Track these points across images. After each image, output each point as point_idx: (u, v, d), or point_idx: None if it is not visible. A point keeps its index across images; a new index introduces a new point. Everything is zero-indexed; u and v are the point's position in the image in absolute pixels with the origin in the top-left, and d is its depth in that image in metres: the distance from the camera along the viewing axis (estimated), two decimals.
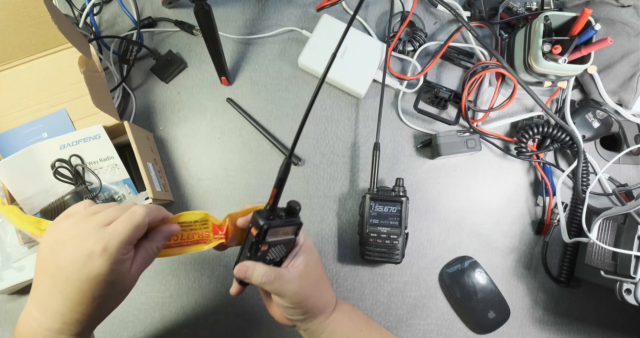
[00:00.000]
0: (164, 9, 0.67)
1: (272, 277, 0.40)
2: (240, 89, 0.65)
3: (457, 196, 0.62)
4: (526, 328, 0.60)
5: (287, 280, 0.41)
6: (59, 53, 0.59)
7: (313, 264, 0.44)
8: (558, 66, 0.54)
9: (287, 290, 0.41)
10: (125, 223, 0.35)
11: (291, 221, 0.41)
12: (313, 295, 0.44)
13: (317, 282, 0.44)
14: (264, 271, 0.40)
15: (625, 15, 0.58)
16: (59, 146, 0.53)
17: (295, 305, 0.42)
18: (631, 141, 0.63)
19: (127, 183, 0.55)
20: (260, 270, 0.40)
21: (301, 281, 0.42)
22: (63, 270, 0.35)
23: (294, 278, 0.42)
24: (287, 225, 0.40)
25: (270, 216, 0.39)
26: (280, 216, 0.40)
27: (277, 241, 0.41)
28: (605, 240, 0.52)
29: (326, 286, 0.47)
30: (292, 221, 0.41)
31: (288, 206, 0.41)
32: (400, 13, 0.64)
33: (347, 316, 0.47)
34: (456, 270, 0.60)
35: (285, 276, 0.41)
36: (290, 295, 0.41)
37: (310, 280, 0.43)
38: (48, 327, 0.36)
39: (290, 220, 0.40)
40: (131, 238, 0.36)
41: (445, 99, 0.62)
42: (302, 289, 0.42)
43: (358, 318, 0.49)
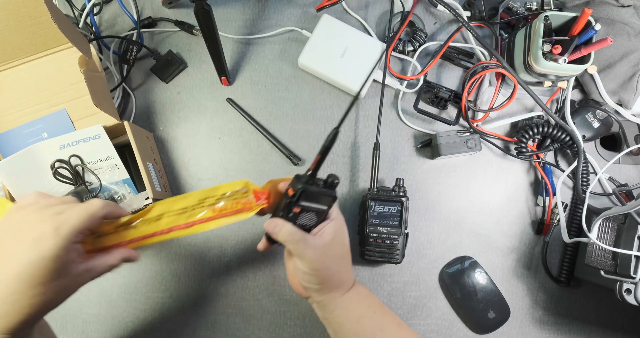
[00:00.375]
0: (164, 9, 0.67)
1: (297, 238, 0.42)
2: (240, 89, 0.65)
3: (457, 196, 0.62)
4: (526, 328, 0.60)
5: (310, 245, 0.43)
6: (59, 53, 0.59)
7: (339, 240, 0.46)
8: (558, 66, 0.54)
9: (308, 254, 0.43)
10: (80, 211, 0.36)
11: (327, 192, 0.43)
12: (332, 268, 0.45)
13: (339, 257, 0.46)
14: (291, 230, 0.42)
15: (625, 15, 0.58)
16: (59, 146, 0.53)
17: (313, 272, 0.43)
18: (631, 141, 0.63)
19: (127, 183, 0.55)
20: (288, 229, 0.43)
21: (324, 251, 0.44)
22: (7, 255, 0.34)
23: (317, 245, 0.43)
24: (322, 194, 0.43)
25: (309, 181, 0.42)
26: (318, 184, 0.42)
27: (310, 207, 0.43)
28: (605, 240, 0.52)
29: (347, 266, 0.48)
30: (328, 192, 0.43)
31: (327, 178, 0.43)
32: (400, 13, 0.64)
33: (362, 297, 0.48)
34: (456, 270, 0.60)
35: (310, 241, 0.43)
36: (310, 260, 0.43)
37: (332, 253, 0.45)
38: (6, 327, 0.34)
39: (326, 191, 0.43)
40: (84, 226, 0.36)
41: (445, 99, 0.62)
42: (323, 258, 0.43)
43: (373, 301, 0.49)
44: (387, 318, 0.48)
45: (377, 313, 0.47)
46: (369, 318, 0.46)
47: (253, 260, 0.61)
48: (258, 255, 0.61)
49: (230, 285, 0.60)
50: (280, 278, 0.60)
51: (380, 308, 0.48)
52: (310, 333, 0.59)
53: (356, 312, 0.47)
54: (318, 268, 0.44)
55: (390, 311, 0.49)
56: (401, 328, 0.48)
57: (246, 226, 0.61)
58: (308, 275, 0.44)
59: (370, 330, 0.46)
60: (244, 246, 0.61)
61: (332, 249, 0.45)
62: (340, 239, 0.46)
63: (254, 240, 0.61)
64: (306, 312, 0.60)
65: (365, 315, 0.47)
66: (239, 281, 0.60)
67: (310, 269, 0.43)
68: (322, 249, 0.44)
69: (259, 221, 0.61)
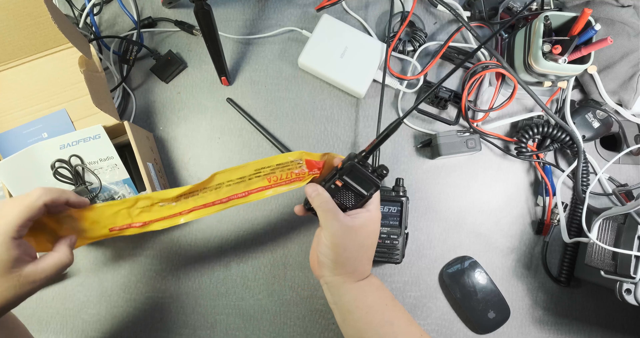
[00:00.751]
0: (164, 9, 0.67)
1: (329, 207, 0.44)
2: (240, 89, 0.65)
3: (457, 196, 0.62)
4: (526, 328, 0.60)
5: (338, 219, 0.44)
6: (59, 53, 0.59)
7: (368, 230, 0.46)
8: (558, 66, 0.54)
9: (333, 227, 0.44)
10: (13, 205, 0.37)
11: (371, 177, 0.45)
12: (350, 250, 0.45)
13: (360, 245, 0.46)
14: (327, 198, 0.45)
15: (625, 15, 0.58)
16: (59, 146, 0.53)
17: (331, 247, 0.44)
18: (631, 141, 0.63)
19: (127, 183, 0.55)
20: (324, 196, 0.45)
21: (348, 231, 0.45)
22: None
23: (344, 222, 0.44)
24: (367, 178, 0.45)
25: (360, 161, 0.45)
26: (367, 167, 0.45)
27: (351, 185, 0.45)
28: (605, 240, 0.52)
29: (365, 257, 0.47)
30: (372, 178, 0.45)
31: (378, 167, 0.45)
32: (400, 13, 0.64)
33: (374, 288, 0.47)
34: (456, 270, 0.60)
35: (339, 216, 0.44)
36: (331, 233, 0.44)
37: (356, 238, 0.45)
38: None
39: (370, 176, 0.45)
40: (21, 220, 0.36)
41: (445, 99, 0.62)
42: (344, 237, 0.44)
43: (385, 293, 0.48)
44: (398, 313, 0.47)
45: (388, 306, 0.47)
46: (379, 310, 0.46)
47: (253, 260, 0.61)
48: (258, 255, 0.61)
49: (230, 285, 0.60)
50: (281, 278, 0.60)
51: (392, 302, 0.48)
52: (310, 333, 0.59)
53: (366, 301, 0.46)
54: (337, 244, 0.44)
55: (401, 307, 0.49)
56: (411, 324, 0.47)
57: (245, 226, 0.61)
58: (326, 248, 0.45)
59: (379, 322, 0.46)
60: (243, 246, 0.61)
61: (357, 234, 0.45)
62: (369, 230, 0.47)
63: (254, 239, 0.61)
64: (306, 312, 0.60)
65: (375, 307, 0.46)
66: (239, 281, 0.60)
67: (330, 242, 0.44)
68: (347, 228, 0.45)
69: (258, 221, 0.61)
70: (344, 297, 0.46)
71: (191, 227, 0.61)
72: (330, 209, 0.44)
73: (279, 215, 0.61)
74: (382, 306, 0.46)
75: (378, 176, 0.45)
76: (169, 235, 0.61)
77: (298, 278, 0.60)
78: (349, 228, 0.45)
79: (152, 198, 0.46)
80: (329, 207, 0.45)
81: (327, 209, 0.44)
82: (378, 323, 0.45)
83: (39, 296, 0.60)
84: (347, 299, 0.46)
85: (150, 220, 0.47)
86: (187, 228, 0.61)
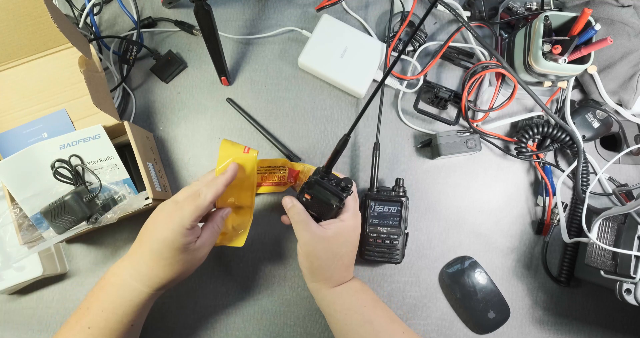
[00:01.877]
0: (164, 9, 0.67)
1: (301, 218, 0.48)
2: (240, 89, 0.65)
3: (457, 196, 0.62)
4: (526, 328, 0.60)
5: (309, 229, 0.47)
6: (59, 53, 0.59)
7: (341, 240, 0.49)
8: (558, 66, 0.54)
9: (304, 237, 0.48)
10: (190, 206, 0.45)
11: (334, 191, 0.48)
12: (323, 259, 0.48)
13: (334, 254, 0.49)
14: (299, 210, 0.48)
15: (625, 15, 0.58)
16: (59, 146, 0.53)
17: (305, 256, 0.48)
18: (631, 141, 0.63)
19: (127, 183, 0.55)
20: (297, 208, 0.48)
21: (319, 241, 0.48)
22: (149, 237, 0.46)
23: (315, 233, 0.48)
24: (331, 192, 0.48)
25: (323, 176, 0.48)
26: (330, 180, 0.48)
27: (318, 197, 0.48)
28: (605, 240, 0.52)
29: (342, 265, 0.50)
30: (335, 191, 0.48)
31: (342, 180, 0.49)
32: (400, 13, 0.64)
33: (352, 291, 0.50)
34: (456, 270, 0.60)
35: (311, 226, 0.48)
36: (303, 243, 0.48)
37: (329, 247, 0.48)
38: (139, 280, 0.46)
39: (334, 189, 0.48)
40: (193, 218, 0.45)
41: (445, 99, 0.62)
42: (316, 246, 0.48)
43: (365, 295, 0.51)
44: (378, 312, 0.50)
45: (367, 307, 0.50)
46: (358, 311, 0.49)
47: (253, 260, 0.61)
48: (258, 255, 0.61)
49: (231, 285, 0.60)
50: (280, 278, 0.60)
51: (372, 303, 0.51)
52: (310, 333, 0.59)
53: (344, 305, 0.49)
54: (309, 253, 0.48)
55: (384, 306, 0.51)
56: (392, 322, 0.50)
57: None
58: (300, 257, 0.49)
59: (358, 322, 0.49)
60: (243, 246, 0.61)
61: (329, 243, 0.48)
62: (343, 239, 0.49)
63: (253, 239, 0.61)
64: (306, 312, 0.60)
65: (354, 308, 0.49)
66: (239, 281, 0.60)
67: (303, 251, 0.48)
68: (318, 238, 0.48)
69: (258, 222, 0.61)
70: (322, 302, 0.51)
71: None
72: (302, 220, 0.48)
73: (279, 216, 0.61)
74: (360, 307, 0.49)
75: (342, 188, 0.48)
76: None
77: (298, 278, 0.60)
78: (320, 238, 0.48)
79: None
80: (300, 218, 0.48)
81: (299, 220, 0.48)
82: (357, 323, 0.49)
83: (39, 296, 0.60)
84: (325, 303, 0.50)
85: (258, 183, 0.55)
86: None
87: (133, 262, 0.47)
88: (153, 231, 0.46)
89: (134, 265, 0.47)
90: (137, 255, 0.47)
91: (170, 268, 0.46)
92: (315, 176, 0.48)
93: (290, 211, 0.49)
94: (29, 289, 0.60)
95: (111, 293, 0.47)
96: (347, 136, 0.47)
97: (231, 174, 0.48)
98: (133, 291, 0.46)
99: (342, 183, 0.49)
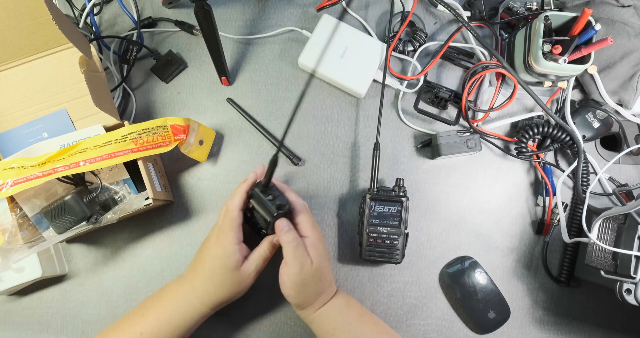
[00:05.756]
0: (164, 9, 0.67)
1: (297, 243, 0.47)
2: (240, 89, 0.65)
3: (457, 196, 0.62)
4: (526, 328, 0.60)
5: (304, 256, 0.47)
6: (59, 53, 0.59)
7: (324, 264, 0.50)
8: (558, 66, 0.54)
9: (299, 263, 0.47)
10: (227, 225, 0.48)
11: (268, 206, 0.48)
12: (311, 286, 0.49)
13: (305, 286, 0.48)
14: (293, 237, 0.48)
15: (625, 15, 0.58)
16: (59, 146, 0.53)
17: (294, 285, 0.48)
18: (631, 141, 0.63)
19: (127, 183, 0.55)
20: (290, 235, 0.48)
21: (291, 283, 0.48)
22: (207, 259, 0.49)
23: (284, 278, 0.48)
24: (263, 206, 0.48)
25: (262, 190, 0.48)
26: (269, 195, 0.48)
27: (258, 210, 0.49)
28: (606, 240, 0.52)
29: (326, 284, 0.50)
30: (269, 207, 0.48)
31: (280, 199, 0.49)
32: (400, 13, 0.64)
33: (336, 310, 0.50)
34: (456, 270, 0.60)
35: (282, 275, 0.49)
36: (296, 272, 0.47)
37: (316, 275, 0.48)
38: (196, 296, 0.49)
39: (267, 205, 0.48)
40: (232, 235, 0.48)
41: (445, 99, 0.62)
42: (307, 275, 0.48)
43: (351, 312, 0.51)
44: (365, 328, 0.50)
45: (353, 324, 0.50)
46: (344, 329, 0.49)
47: None
48: None
49: None
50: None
51: (358, 318, 0.51)
52: (310, 333, 0.59)
53: (330, 325, 0.50)
54: (300, 283, 0.48)
55: (370, 319, 0.51)
56: (381, 335, 0.50)
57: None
58: (287, 288, 0.48)
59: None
60: None
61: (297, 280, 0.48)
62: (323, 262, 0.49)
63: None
64: None
65: (340, 327, 0.49)
66: None
67: (292, 282, 0.48)
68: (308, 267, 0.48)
69: None
70: (312, 324, 0.51)
71: (191, 227, 0.61)
72: (298, 244, 0.47)
73: None
74: (346, 325, 0.50)
75: (277, 207, 0.48)
76: (169, 234, 0.61)
77: None
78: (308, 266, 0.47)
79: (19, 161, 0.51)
80: (298, 243, 0.47)
81: (297, 245, 0.47)
82: None
83: (39, 296, 0.60)
84: (315, 325, 0.51)
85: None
86: (188, 228, 0.61)
87: (190, 279, 0.50)
88: (206, 251, 0.49)
89: (191, 281, 0.50)
90: (194, 272, 0.50)
91: (221, 288, 0.48)
92: (254, 189, 0.49)
93: (284, 236, 0.47)
94: (29, 289, 0.60)
95: (169, 304, 0.49)
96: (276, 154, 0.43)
97: (251, 180, 0.50)
98: (189, 306, 0.49)
99: (276, 201, 0.48)
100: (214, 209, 0.62)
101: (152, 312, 0.49)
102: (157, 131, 0.53)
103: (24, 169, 0.50)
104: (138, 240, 0.61)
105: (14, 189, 0.49)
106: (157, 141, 0.53)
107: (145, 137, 0.52)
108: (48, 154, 0.51)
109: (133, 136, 0.52)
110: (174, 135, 0.54)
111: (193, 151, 0.58)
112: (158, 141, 0.53)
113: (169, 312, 0.49)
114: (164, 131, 0.53)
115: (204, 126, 0.59)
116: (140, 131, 0.52)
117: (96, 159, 0.50)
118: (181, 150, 0.56)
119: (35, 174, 0.49)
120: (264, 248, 0.50)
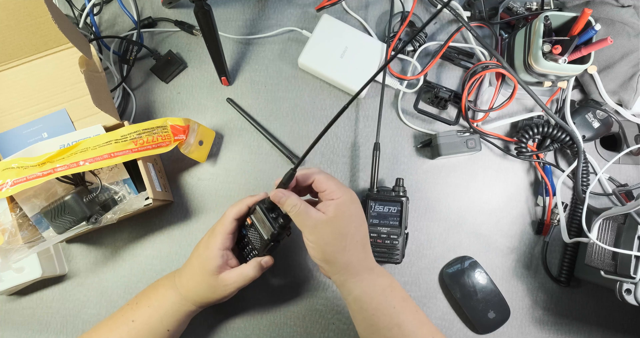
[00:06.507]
0: (164, 9, 0.67)
1: (300, 209, 0.45)
2: (240, 89, 0.65)
3: (457, 196, 0.62)
4: (526, 328, 0.60)
5: (311, 217, 0.45)
6: (59, 53, 0.59)
7: (345, 217, 0.46)
8: (558, 66, 0.54)
9: (307, 226, 0.45)
10: (218, 230, 0.50)
11: (269, 224, 0.48)
12: (333, 244, 0.45)
13: (342, 235, 0.45)
14: (295, 201, 0.45)
15: (625, 15, 0.58)
16: (59, 146, 0.53)
17: (314, 246, 0.45)
18: (631, 141, 0.63)
19: (127, 183, 0.55)
20: (292, 200, 0.45)
21: (324, 226, 0.45)
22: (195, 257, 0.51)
23: (318, 219, 0.45)
24: (264, 222, 0.49)
25: (268, 207, 0.49)
26: (272, 212, 0.48)
27: (256, 226, 0.50)
28: (605, 240, 0.52)
29: (354, 246, 0.46)
30: (270, 225, 0.48)
31: (284, 219, 0.48)
32: (400, 13, 0.64)
33: (380, 290, 0.46)
34: (456, 270, 0.60)
35: (311, 214, 0.45)
36: (308, 231, 0.45)
37: (334, 229, 0.45)
38: (180, 292, 0.51)
39: (268, 223, 0.48)
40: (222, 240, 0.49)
41: (445, 99, 0.62)
42: (322, 232, 0.45)
43: (393, 294, 0.47)
44: (407, 314, 0.46)
45: (396, 308, 0.46)
46: (385, 312, 0.46)
47: None
48: None
49: None
50: (280, 278, 0.60)
51: (401, 303, 0.47)
52: (310, 333, 0.59)
53: (371, 304, 0.46)
54: (318, 242, 0.45)
55: (412, 307, 0.48)
56: (422, 325, 0.47)
57: None
58: (311, 249, 0.46)
59: (386, 325, 0.45)
60: None
61: (333, 225, 0.45)
62: (347, 216, 0.46)
63: None
64: (306, 312, 0.60)
65: (381, 309, 0.46)
66: None
67: (311, 242, 0.45)
68: (322, 223, 0.45)
69: None
70: (349, 297, 0.47)
71: (191, 227, 0.61)
72: (302, 210, 0.45)
73: None
74: (389, 308, 0.46)
75: (280, 226, 0.48)
76: (169, 234, 0.61)
77: (298, 278, 0.60)
78: (323, 222, 0.45)
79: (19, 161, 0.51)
80: (299, 209, 0.45)
81: (299, 211, 0.45)
82: (385, 326, 0.45)
83: (39, 296, 0.60)
84: (352, 299, 0.47)
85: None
86: (187, 228, 0.61)
87: (179, 274, 0.52)
88: (195, 249, 0.52)
89: (179, 276, 0.52)
90: (183, 268, 0.52)
91: (200, 288, 0.50)
92: (257, 204, 0.49)
93: (285, 204, 0.45)
94: (29, 289, 0.60)
95: (160, 295, 0.51)
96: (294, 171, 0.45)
97: (259, 197, 0.51)
98: (176, 299, 0.50)
99: (280, 220, 0.48)
100: (214, 209, 0.62)
101: (144, 301, 0.51)
102: (157, 131, 0.53)
103: (24, 169, 0.50)
104: (138, 240, 0.61)
105: (13, 189, 0.49)
106: (157, 141, 0.53)
107: (145, 137, 0.52)
108: (48, 154, 0.51)
109: (133, 136, 0.52)
110: (174, 135, 0.54)
111: (193, 152, 0.58)
112: (158, 141, 0.53)
113: (159, 302, 0.51)
114: (164, 131, 0.53)
115: (203, 126, 0.59)
116: (140, 131, 0.52)
117: (96, 159, 0.50)
118: (181, 150, 0.56)
119: (35, 174, 0.49)
120: (251, 266, 0.50)
